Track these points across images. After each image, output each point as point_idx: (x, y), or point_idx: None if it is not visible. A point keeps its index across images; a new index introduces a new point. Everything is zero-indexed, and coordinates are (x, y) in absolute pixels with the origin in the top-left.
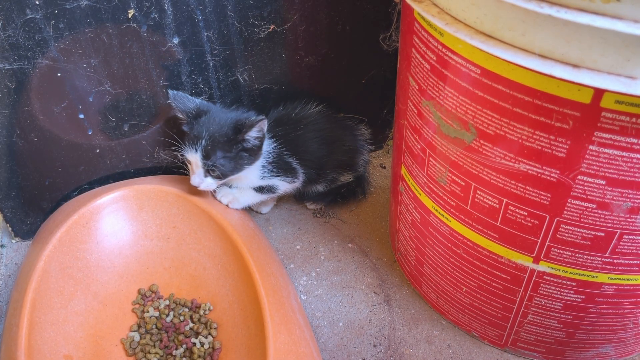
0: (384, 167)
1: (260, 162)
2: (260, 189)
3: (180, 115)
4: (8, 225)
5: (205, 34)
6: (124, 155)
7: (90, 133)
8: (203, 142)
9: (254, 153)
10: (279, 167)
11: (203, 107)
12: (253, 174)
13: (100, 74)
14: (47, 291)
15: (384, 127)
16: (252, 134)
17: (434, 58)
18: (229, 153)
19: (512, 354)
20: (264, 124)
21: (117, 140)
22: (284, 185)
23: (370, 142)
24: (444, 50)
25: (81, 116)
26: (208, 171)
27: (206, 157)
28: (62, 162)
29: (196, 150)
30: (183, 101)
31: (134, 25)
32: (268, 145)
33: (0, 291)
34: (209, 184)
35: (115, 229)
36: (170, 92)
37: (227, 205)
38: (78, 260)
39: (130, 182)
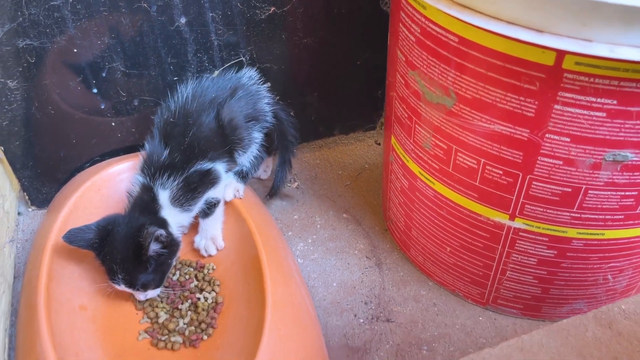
0: (379, 144)
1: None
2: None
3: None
4: (25, 194)
5: (210, 14)
6: (134, 129)
7: (103, 107)
8: (119, 275)
9: (173, 248)
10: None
11: (102, 230)
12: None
13: (113, 51)
14: (63, 249)
15: (378, 108)
16: (154, 248)
17: (418, 30)
18: (148, 271)
19: (493, 311)
20: (162, 234)
21: (127, 115)
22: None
23: (365, 122)
24: (426, 22)
25: (94, 91)
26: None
27: (131, 285)
28: (76, 134)
29: (118, 283)
30: (79, 237)
31: (145, 5)
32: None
33: (18, 253)
34: (154, 292)
35: (125, 196)
36: (64, 238)
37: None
38: None
39: (140, 153)
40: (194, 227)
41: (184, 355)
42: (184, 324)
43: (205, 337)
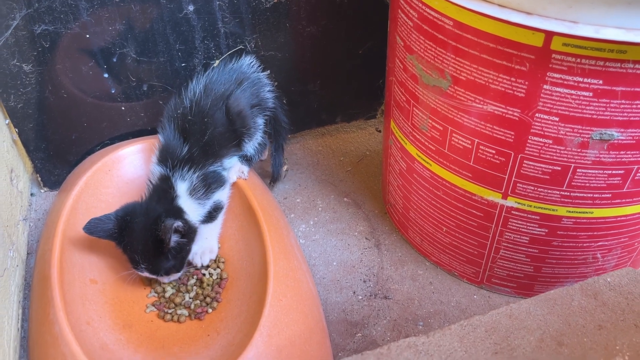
0: (379, 131)
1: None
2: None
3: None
4: (38, 175)
5: (217, 2)
6: (143, 114)
7: (113, 92)
8: (142, 265)
9: (191, 235)
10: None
11: (120, 220)
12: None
13: (124, 37)
14: (75, 225)
15: (379, 96)
16: (174, 239)
17: (416, 15)
18: (170, 258)
19: (488, 290)
20: (180, 226)
21: (137, 100)
22: (235, 162)
23: (366, 110)
24: (423, 7)
25: (105, 75)
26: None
27: (154, 273)
28: (87, 118)
29: (142, 271)
30: (99, 227)
31: None
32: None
33: (31, 231)
34: (176, 275)
35: (134, 177)
36: (84, 229)
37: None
38: (101, 202)
39: (149, 137)
40: None
41: (189, 327)
42: (190, 298)
43: (210, 310)
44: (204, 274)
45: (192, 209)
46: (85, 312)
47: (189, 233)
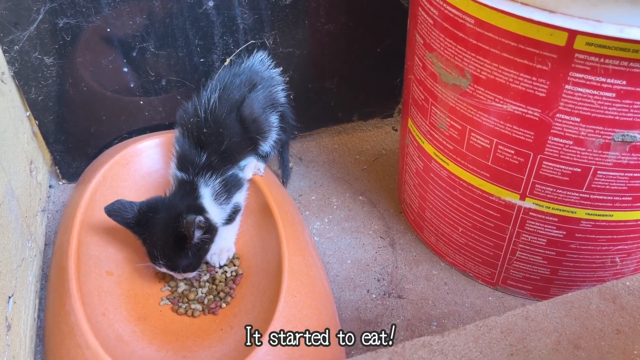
0: (396, 130)
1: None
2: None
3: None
4: (56, 167)
5: None
6: (161, 108)
7: (132, 86)
8: (160, 261)
9: (212, 233)
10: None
11: (142, 214)
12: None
13: (144, 31)
14: (92, 217)
15: (396, 95)
16: (197, 235)
17: (436, 13)
18: (189, 256)
19: (503, 292)
20: (201, 221)
21: (155, 94)
22: (251, 160)
23: (383, 109)
24: (444, 5)
25: (125, 69)
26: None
27: (173, 269)
28: (106, 111)
29: (160, 265)
30: (119, 213)
31: None
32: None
33: (49, 223)
34: (192, 273)
35: (151, 171)
36: (105, 209)
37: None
38: (118, 195)
39: (167, 132)
40: None
41: (203, 321)
42: (203, 293)
43: (223, 305)
44: (216, 272)
45: (215, 213)
46: (101, 304)
47: (210, 230)
